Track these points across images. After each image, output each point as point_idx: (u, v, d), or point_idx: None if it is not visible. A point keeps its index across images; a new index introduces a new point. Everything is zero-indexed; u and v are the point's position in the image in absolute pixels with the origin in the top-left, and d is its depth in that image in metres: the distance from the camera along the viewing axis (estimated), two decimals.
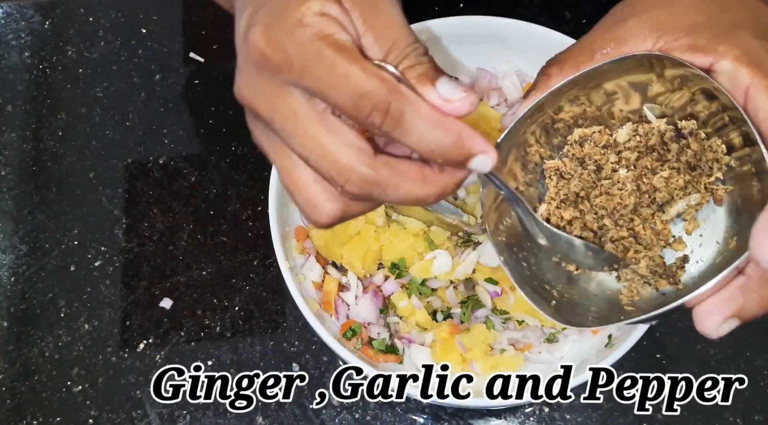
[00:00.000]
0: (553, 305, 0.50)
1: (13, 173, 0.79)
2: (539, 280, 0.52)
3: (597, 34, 0.48)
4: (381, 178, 0.38)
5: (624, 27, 0.46)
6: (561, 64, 0.48)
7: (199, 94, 0.82)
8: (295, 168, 0.39)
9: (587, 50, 0.48)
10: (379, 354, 0.66)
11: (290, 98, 0.38)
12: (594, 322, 0.49)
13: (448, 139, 0.37)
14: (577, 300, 0.51)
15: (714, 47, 0.43)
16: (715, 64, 0.43)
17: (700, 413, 0.68)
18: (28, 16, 0.86)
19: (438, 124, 0.36)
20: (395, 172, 0.38)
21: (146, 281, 0.74)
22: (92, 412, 0.69)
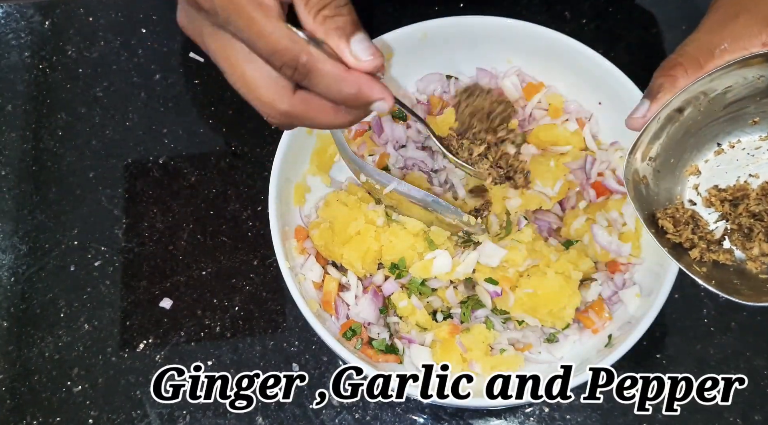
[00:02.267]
0: (713, 284, 0.52)
1: (13, 173, 0.79)
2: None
3: (709, 33, 0.50)
4: (299, 113, 0.46)
5: (737, 23, 0.48)
6: (684, 65, 0.50)
7: (199, 94, 0.82)
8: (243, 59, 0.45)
9: (705, 49, 0.49)
10: (379, 354, 0.66)
11: (219, 37, 0.45)
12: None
13: (350, 91, 0.45)
14: (711, 275, 0.53)
15: None
16: None
17: (700, 413, 0.68)
18: (28, 15, 0.86)
19: (341, 79, 0.44)
20: (311, 108, 0.46)
21: (146, 281, 0.74)
22: (92, 412, 0.69)
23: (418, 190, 0.67)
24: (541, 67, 0.73)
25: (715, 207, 0.56)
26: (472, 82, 0.73)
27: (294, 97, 0.46)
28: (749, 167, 0.55)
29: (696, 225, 0.55)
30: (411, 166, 0.73)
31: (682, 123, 0.53)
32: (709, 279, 0.52)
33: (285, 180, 0.67)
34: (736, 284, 0.53)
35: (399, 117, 0.74)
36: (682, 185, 0.57)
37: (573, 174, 0.70)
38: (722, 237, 0.56)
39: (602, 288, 0.67)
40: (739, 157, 0.55)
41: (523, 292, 0.65)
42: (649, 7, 0.84)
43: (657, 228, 0.55)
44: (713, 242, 0.55)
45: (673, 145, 0.55)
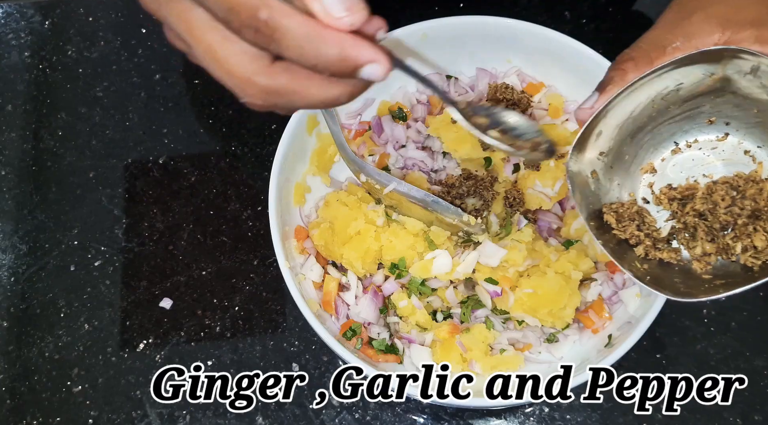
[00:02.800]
0: (648, 280, 0.52)
1: (13, 173, 0.79)
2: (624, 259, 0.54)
3: (664, 30, 0.50)
4: (281, 85, 0.37)
5: (691, 22, 0.48)
6: (635, 59, 0.50)
7: (199, 94, 0.82)
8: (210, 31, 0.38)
9: (658, 45, 0.49)
10: (379, 354, 0.66)
11: (177, 5, 0.37)
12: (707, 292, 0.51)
13: (330, 52, 0.35)
14: (655, 273, 0.53)
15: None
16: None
17: (700, 413, 0.68)
18: (28, 15, 0.86)
19: (316, 37, 0.35)
20: (296, 77, 0.37)
21: (146, 281, 0.74)
22: (92, 412, 0.69)
23: (418, 190, 0.67)
24: (541, 67, 0.73)
25: (664, 205, 0.56)
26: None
27: (273, 67, 0.37)
28: (704, 167, 0.55)
29: (642, 222, 0.55)
30: (411, 166, 0.73)
31: (635, 119, 0.53)
32: (645, 276, 0.52)
33: (285, 180, 0.67)
34: (676, 282, 0.52)
35: (399, 117, 0.74)
36: (636, 182, 0.57)
37: None
38: (670, 236, 0.55)
39: (602, 288, 0.67)
40: (695, 157, 0.56)
41: (523, 292, 0.65)
42: (648, 7, 0.84)
43: (602, 223, 0.55)
44: (660, 240, 0.55)
45: (627, 141, 0.55)
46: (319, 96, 0.38)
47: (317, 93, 0.38)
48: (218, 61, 0.37)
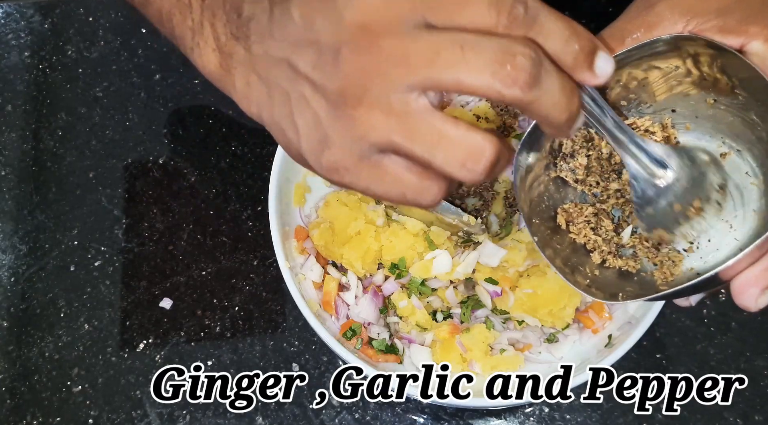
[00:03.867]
0: (587, 283, 0.50)
1: (13, 173, 0.79)
2: (572, 262, 0.52)
3: (626, 20, 0.48)
4: (541, 63, 0.36)
5: (653, 12, 0.46)
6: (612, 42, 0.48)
7: (199, 94, 0.82)
8: (432, 115, 0.36)
9: (617, 36, 0.48)
10: (379, 354, 0.66)
11: (403, 97, 0.35)
12: (626, 297, 0.49)
13: (579, 29, 0.37)
14: (610, 280, 0.51)
15: (745, 28, 0.43)
16: (746, 45, 0.43)
17: (700, 413, 0.68)
18: (28, 15, 0.86)
19: (566, 18, 0.37)
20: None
21: (146, 281, 0.74)
22: (92, 412, 0.69)
23: None
24: None
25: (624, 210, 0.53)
26: None
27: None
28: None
29: (598, 226, 0.53)
30: None
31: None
32: (593, 284, 0.50)
33: (285, 180, 0.67)
34: (629, 291, 0.50)
35: None
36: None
37: None
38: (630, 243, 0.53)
39: None
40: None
41: (523, 292, 0.65)
42: None
43: (555, 224, 0.53)
44: (620, 246, 0.53)
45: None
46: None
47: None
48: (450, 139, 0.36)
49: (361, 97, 0.36)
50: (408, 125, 0.36)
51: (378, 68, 0.35)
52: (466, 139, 0.36)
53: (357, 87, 0.36)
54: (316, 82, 0.37)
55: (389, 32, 0.35)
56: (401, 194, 0.38)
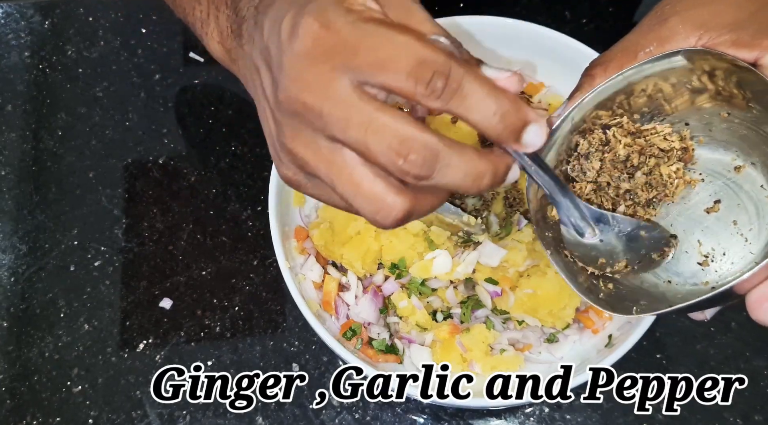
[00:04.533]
0: (601, 297, 0.50)
1: (13, 173, 0.79)
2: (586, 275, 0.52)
3: (639, 35, 0.48)
4: (442, 148, 0.37)
5: (666, 26, 0.46)
6: (605, 64, 0.49)
7: (199, 94, 0.82)
8: (353, 168, 0.38)
9: (630, 50, 0.48)
10: (379, 354, 0.66)
11: (341, 84, 0.37)
12: (640, 311, 0.49)
13: (506, 104, 0.37)
14: (624, 294, 0.51)
15: (758, 42, 0.43)
16: (760, 59, 0.43)
17: (700, 413, 0.68)
18: (28, 15, 0.86)
19: (495, 90, 0.37)
20: (454, 144, 0.38)
21: (146, 281, 0.74)
22: (92, 412, 0.69)
23: None
24: (541, 67, 0.73)
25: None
26: None
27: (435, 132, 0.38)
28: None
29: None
30: None
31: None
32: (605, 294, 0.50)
33: None
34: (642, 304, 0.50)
35: None
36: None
37: None
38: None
39: None
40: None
41: (523, 292, 0.65)
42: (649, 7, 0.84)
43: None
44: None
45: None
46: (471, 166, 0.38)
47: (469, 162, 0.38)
48: (382, 125, 0.37)
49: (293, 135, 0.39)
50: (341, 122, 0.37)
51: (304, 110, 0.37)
52: (397, 126, 0.37)
53: (289, 123, 0.39)
54: (269, 99, 0.40)
55: (317, 82, 0.37)
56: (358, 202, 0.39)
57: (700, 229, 0.51)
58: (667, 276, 0.51)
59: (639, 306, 0.49)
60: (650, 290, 0.51)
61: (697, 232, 0.51)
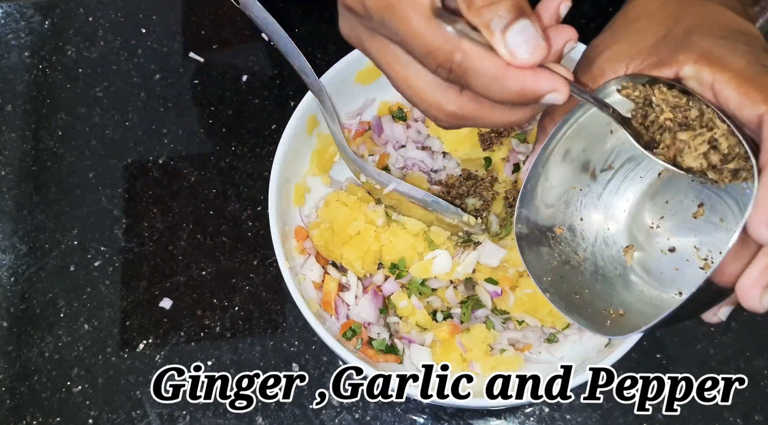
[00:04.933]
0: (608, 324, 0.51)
1: (13, 173, 0.79)
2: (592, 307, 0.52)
3: (578, 76, 0.51)
4: (467, 113, 0.42)
5: (594, 66, 0.49)
6: (551, 115, 0.51)
7: (199, 94, 0.82)
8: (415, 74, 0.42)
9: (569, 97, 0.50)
10: (379, 354, 0.66)
11: (377, 42, 0.42)
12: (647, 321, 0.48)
13: (512, 90, 0.39)
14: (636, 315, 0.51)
15: (674, 58, 0.46)
16: (679, 72, 0.46)
17: (700, 413, 0.68)
18: (28, 15, 0.86)
19: (500, 77, 0.39)
20: (482, 106, 0.42)
21: (146, 281, 0.74)
22: (92, 412, 0.69)
23: (418, 190, 0.67)
24: None
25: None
26: None
27: (461, 96, 0.42)
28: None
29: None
30: (411, 166, 0.73)
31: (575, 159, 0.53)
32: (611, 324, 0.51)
33: (285, 180, 0.67)
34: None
35: (399, 117, 0.74)
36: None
37: None
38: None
39: None
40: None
41: (523, 292, 0.65)
42: None
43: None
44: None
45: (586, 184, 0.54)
46: (502, 120, 0.43)
47: (500, 118, 0.43)
48: (413, 89, 0.42)
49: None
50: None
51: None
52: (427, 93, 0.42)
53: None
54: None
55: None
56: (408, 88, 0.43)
57: (693, 235, 0.52)
58: (677, 287, 0.52)
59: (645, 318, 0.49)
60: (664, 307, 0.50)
61: (692, 238, 0.52)
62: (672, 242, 0.53)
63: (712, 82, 0.44)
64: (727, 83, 0.43)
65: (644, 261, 0.54)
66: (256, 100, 0.81)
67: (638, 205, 0.55)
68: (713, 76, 0.44)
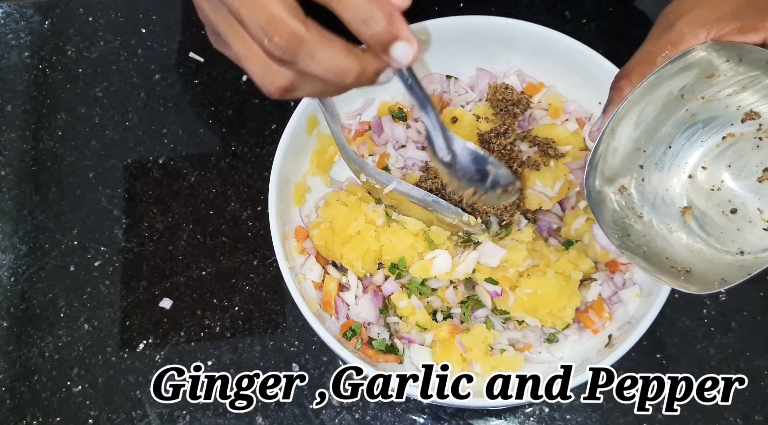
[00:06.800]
0: (681, 280, 0.54)
1: (13, 173, 0.79)
2: (664, 261, 0.56)
3: (652, 44, 0.52)
4: (308, 37, 0.39)
5: (674, 30, 0.50)
6: (628, 76, 0.53)
7: (199, 94, 0.82)
8: (243, 33, 0.41)
9: (647, 59, 0.52)
10: (379, 354, 0.66)
11: (220, 13, 0.41)
12: (721, 285, 0.52)
13: (380, 13, 0.38)
14: (702, 273, 0.54)
15: (762, 24, 0.47)
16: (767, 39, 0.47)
17: (700, 413, 0.68)
18: (28, 16, 0.86)
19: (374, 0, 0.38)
20: (322, 37, 0.39)
21: (146, 281, 0.74)
22: (92, 412, 0.69)
23: (419, 190, 0.67)
24: (541, 67, 0.73)
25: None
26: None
27: (307, 20, 0.39)
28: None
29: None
30: (411, 165, 0.73)
31: (648, 126, 0.56)
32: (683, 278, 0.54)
33: (285, 180, 0.67)
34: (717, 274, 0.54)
35: (399, 117, 0.74)
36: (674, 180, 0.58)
37: (573, 174, 0.70)
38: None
39: (602, 288, 0.67)
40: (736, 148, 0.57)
41: (523, 292, 0.65)
42: (649, 7, 0.84)
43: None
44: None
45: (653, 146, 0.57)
46: (336, 60, 0.40)
47: (334, 56, 0.40)
48: (258, 2, 0.39)
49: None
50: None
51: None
52: (269, 6, 0.38)
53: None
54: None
55: None
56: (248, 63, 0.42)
57: (758, 198, 0.54)
58: (738, 247, 0.54)
59: (720, 282, 0.52)
60: (725, 266, 0.54)
61: (755, 201, 0.54)
62: (734, 204, 0.55)
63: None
64: None
65: (704, 222, 0.57)
66: (256, 100, 0.81)
67: (699, 167, 0.57)
68: None
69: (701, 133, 0.56)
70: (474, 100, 0.75)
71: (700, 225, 0.57)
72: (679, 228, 0.57)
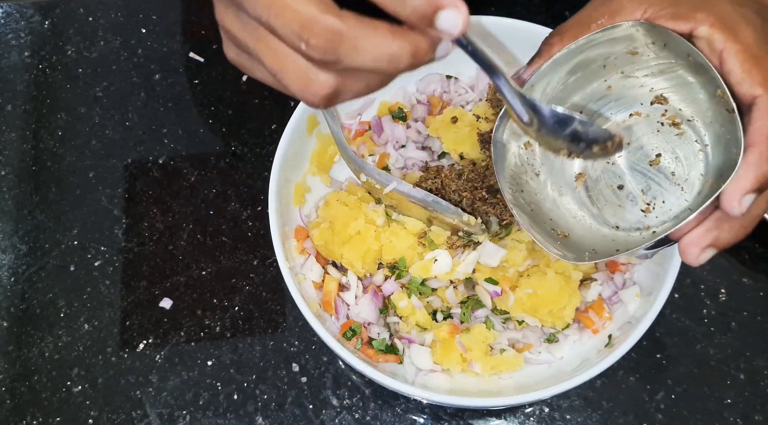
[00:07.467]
0: (558, 245, 0.56)
1: (13, 173, 0.79)
2: (547, 222, 0.59)
3: (592, 9, 0.54)
4: (347, 30, 0.36)
5: (615, 1, 0.52)
6: (561, 34, 0.54)
7: (199, 94, 0.82)
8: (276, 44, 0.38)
9: (584, 23, 0.54)
10: (379, 354, 0.66)
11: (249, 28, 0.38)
12: (591, 258, 0.55)
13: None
14: (578, 242, 0.57)
15: (693, 15, 0.48)
16: (694, 30, 0.48)
17: (700, 413, 0.68)
18: (28, 15, 0.86)
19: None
20: (362, 24, 0.36)
21: (146, 281, 0.74)
22: (92, 412, 0.69)
23: (418, 190, 0.67)
24: None
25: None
26: None
27: (343, 11, 0.36)
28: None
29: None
30: (411, 166, 0.73)
31: (564, 89, 0.57)
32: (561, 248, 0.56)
33: (285, 180, 0.67)
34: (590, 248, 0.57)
35: (399, 117, 0.74)
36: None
37: None
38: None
39: (602, 288, 0.67)
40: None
41: (523, 292, 0.65)
42: None
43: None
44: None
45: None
46: (383, 47, 0.36)
47: (381, 42, 0.36)
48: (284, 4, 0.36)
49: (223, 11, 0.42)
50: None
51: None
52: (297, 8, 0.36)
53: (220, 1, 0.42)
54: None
55: None
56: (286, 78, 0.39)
57: (644, 180, 0.57)
58: (615, 221, 0.57)
59: (591, 254, 0.55)
60: (600, 237, 0.57)
61: (642, 183, 0.57)
62: (623, 180, 0.58)
63: (721, 50, 0.47)
64: (734, 56, 0.46)
65: (592, 191, 0.59)
66: (256, 100, 0.81)
67: None
68: (724, 44, 0.46)
69: (612, 106, 0.58)
70: (474, 100, 0.75)
71: (588, 194, 0.59)
72: (568, 192, 0.60)
